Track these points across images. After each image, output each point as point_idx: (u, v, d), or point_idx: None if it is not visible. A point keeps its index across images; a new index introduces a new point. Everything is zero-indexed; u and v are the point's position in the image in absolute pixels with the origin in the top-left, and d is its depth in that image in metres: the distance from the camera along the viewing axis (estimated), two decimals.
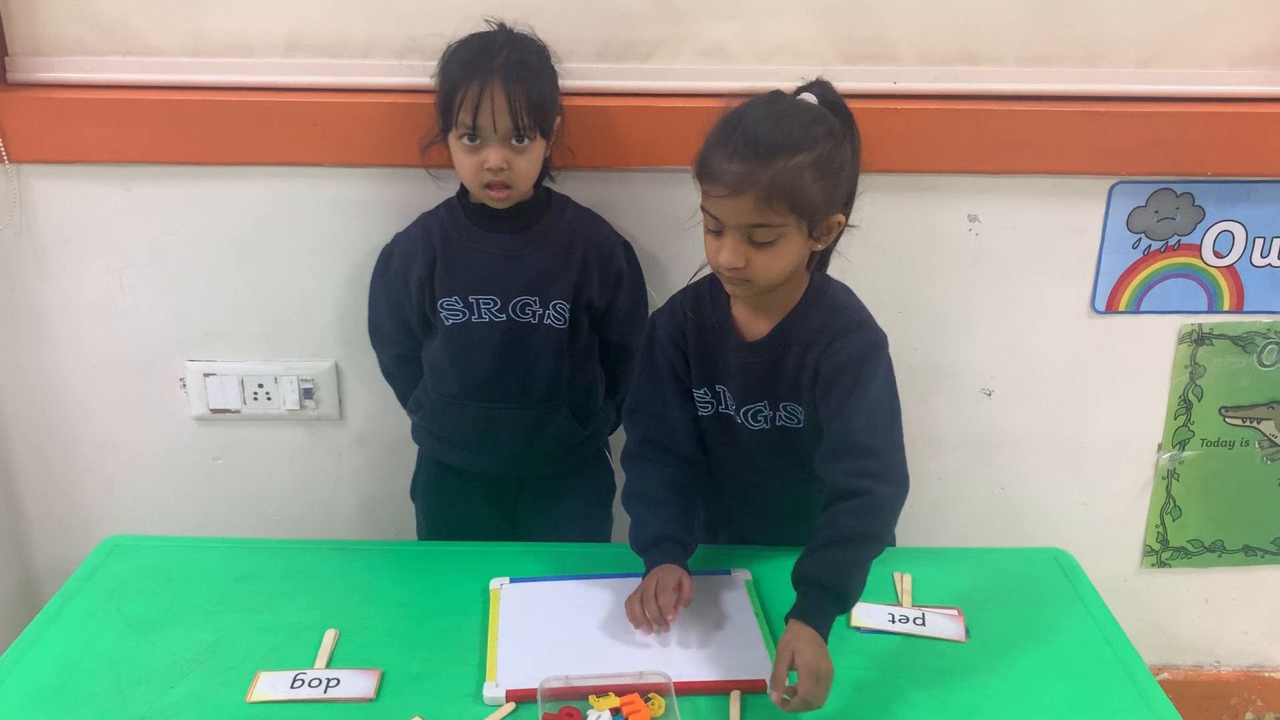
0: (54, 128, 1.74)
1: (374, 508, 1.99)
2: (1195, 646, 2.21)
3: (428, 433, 1.76)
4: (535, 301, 1.62)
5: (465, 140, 1.55)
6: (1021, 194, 1.82)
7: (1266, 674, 2.23)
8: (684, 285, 1.63)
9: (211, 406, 1.93)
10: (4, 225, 1.81)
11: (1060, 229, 1.85)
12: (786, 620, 1.28)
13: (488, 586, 1.48)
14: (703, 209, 1.36)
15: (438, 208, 1.69)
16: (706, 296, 1.50)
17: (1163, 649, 2.18)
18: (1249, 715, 2.25)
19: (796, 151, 1.29)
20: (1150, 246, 1.87)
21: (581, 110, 1.73)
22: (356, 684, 1.30)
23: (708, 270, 1.46)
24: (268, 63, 1.75)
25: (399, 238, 1.71)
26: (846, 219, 1.40)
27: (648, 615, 1.37)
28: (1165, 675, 2.17)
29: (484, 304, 1.62)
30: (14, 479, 2.00)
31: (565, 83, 1.74)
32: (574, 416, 1.71)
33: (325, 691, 1.29)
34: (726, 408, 1.50)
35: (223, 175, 1.79)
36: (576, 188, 1.78)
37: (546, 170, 1.67)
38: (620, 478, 1.72)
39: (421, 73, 1.67)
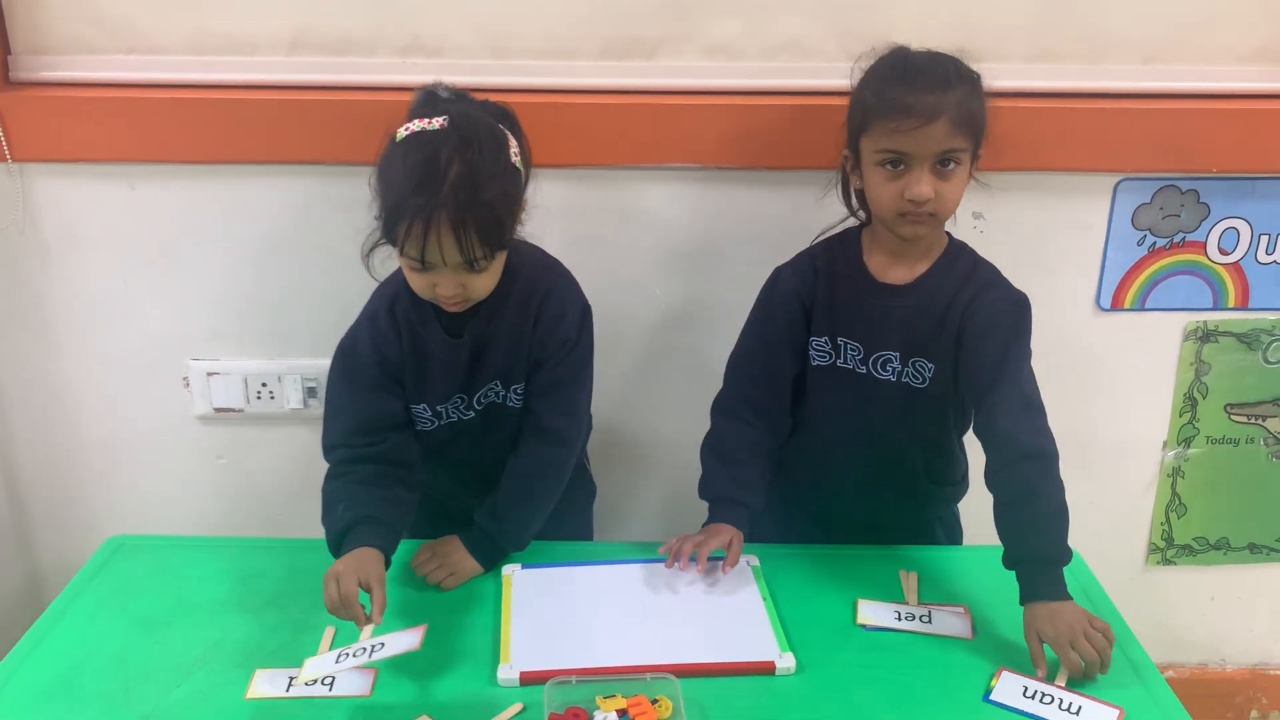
0: (57, 126, 1.74)
1: None
2: (1200, 644, 2.21)
3: None
4: (498, 385, 1.53)
5: (413, 264, 1.36)
6: (1026, 191, 1.82)
7: (1272, 671, 2.22)
8: (684, 288, 1.75)
9: (215, 405, 1.93)
10: (8, 224, 1.81)
11: (1065, 226, 1.85)
12: (1023, 605, 1.37)
13: (499, 573, 1.51)
14: (883, 150, 1.41)
15: (399, 288, 1.49)
16: (838, 249, 1.57)
17: (1168, 647, 2.17)
18: (1254, 713, 2.24)
19: (965, 81, 1.42)
20: (1155, 244, 1.87)
21: (585, 109, 1.73)
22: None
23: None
24: (271, 61, 1.75)
25: (363, 332, 1.51)
26: None
27: (683, 551, 1.47)
28: (1170, 673, 2.17)
29: (451, 407, 1.53)
30: (18, 477, 2.00)
31: (568, 80, 1.75)
32: None
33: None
34: (845, 361, 1.54)
35: (226, 174, 1.78)
36: (581, 186, 1.78)
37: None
38: (601, 482, 1.79)
39: (426, 71, 1.66)
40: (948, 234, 1.55)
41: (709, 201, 1.82)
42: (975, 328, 1.47)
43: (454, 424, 1.54)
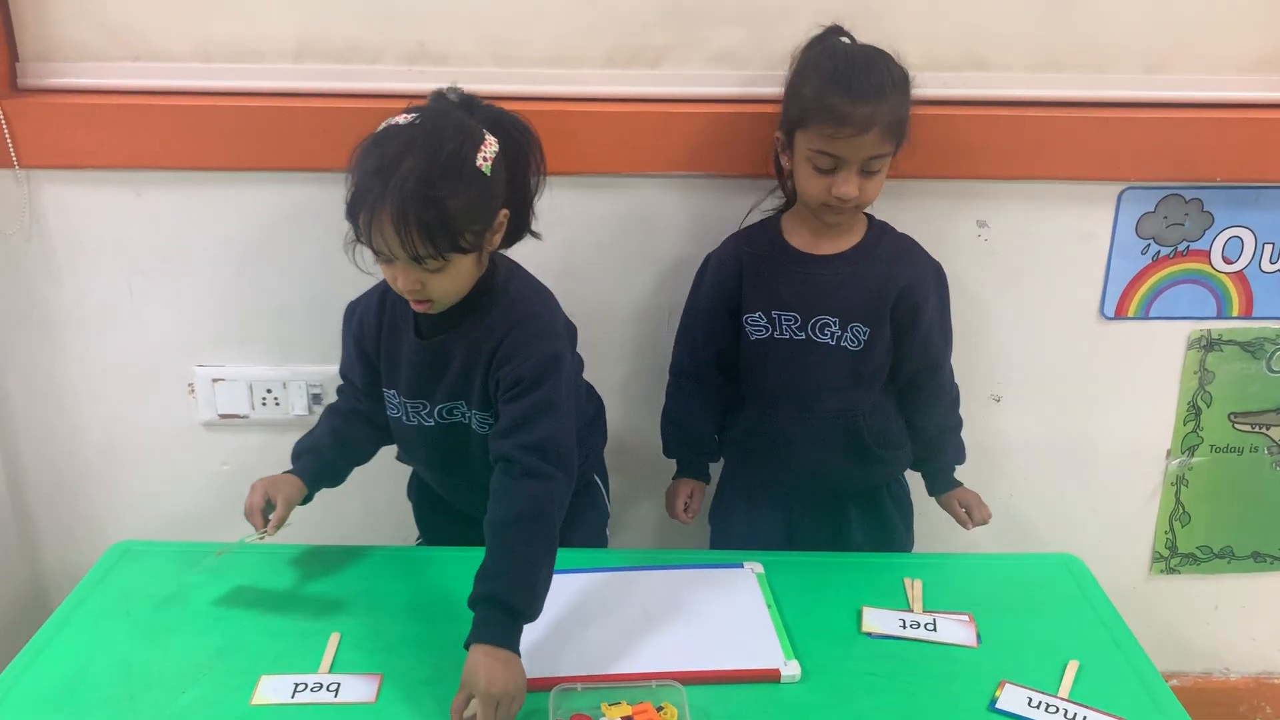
0: (64, 133, 1.75)
1: (381, 513, 1.99)
2: (1204, 653, 2.20)
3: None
4: (461, 405, 1.50)
5: (373, 254, 1.38)
6: (1030, 199, 1.82)
7: (1275, 680, 2.22)
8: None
9: (220, 412, 1.93)
10: (14, 230, 1.81)
11: (1069, 234, 1.85)
12: (945, 489, 1.75)
13: None
14: (817, 151, 1.51)
15: None
16: (759, 232, 1.69)
17: (1171, 656, 2.17)
18: None
19: (898, 88, 1.52)
20: (1159, 252, 1.87)
21: (591, 117, 1.74)
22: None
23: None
24: (277, 68, 1.76)
25: (362, 302, 1.58)
26: None
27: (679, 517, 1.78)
28: (1174, 682, 2.16)
29: (412, 407, 1.53)
30: (23, 483, 2.00)
31: (573, 88, 1.75)
32: None
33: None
34: (782, 332, 1.64)
35: (232, 181, 1.79)
36: (586, 194, 1.78)
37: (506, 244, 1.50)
38: (614, 504, 1.80)
39: (432, 79, 1.66)
40: (866, 214, 1.67)
41: (714, 209, 1.82)
42: (927, 303, 1.63)
43: (417, 428, 1.54)
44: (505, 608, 1.29)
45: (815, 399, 1.66)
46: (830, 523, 1.74)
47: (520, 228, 1.49)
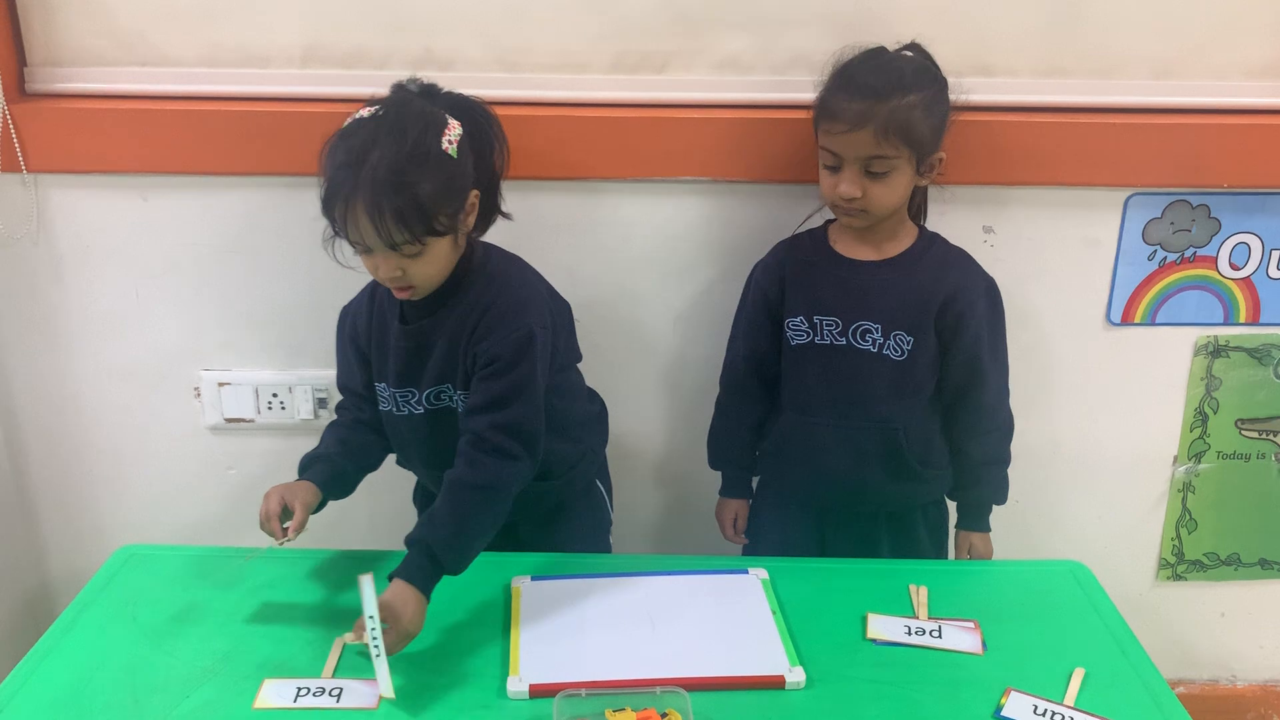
0: (72, 138, 1.75)
1: (387, 518, 1.99)
2: (1211, 661, 2.20)
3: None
4: (448, 388, 1.52)
5: (351, 246, 1.41)
6: (1037, 205, 1.82)
7: None
8: (695, 302, 1.81)
9: (226, 416, 1.94)
10: (22, 235, 1.82)
11: (1075, 241, 1.85)
12: (971, 528, 1.74)
13: (507, 586, 1.51)
14: (822, 147, 1.54)
15: None
16: (805, 239, 1.70)
17: (1178, 663, 2.17)
18: None
19: (909, 91, 1.49)
20: (1166, 258, 1.86)
21: (596, 122, 1.74)
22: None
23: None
24: (284, 74, 1.76)
25: (353, 304, 1.62)
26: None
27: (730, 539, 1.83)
28: (1181, 690, 2.16)
29: (401, 396, 1.55)
30: (29, 487, 2.01)
31: (579, 94, 1.75)
32: None
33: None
34: (823, 337, 1.63)
35: (239, 185, 1.80)
36: (591, 198, 1.79)
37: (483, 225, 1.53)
38: (618, 510, 1.80)
39: (439, 84, 1.67)
40: (919, 225, 1.66)
41: (719, 214, 1.82)
42: (973, 315, 1.61)
43: (407, 418, 1.56)
44: (434, 559, 1.37)
45: (854, 407, 1.64)
46: (861, 542, 1.72)
47: (491, 209, 1.51)
